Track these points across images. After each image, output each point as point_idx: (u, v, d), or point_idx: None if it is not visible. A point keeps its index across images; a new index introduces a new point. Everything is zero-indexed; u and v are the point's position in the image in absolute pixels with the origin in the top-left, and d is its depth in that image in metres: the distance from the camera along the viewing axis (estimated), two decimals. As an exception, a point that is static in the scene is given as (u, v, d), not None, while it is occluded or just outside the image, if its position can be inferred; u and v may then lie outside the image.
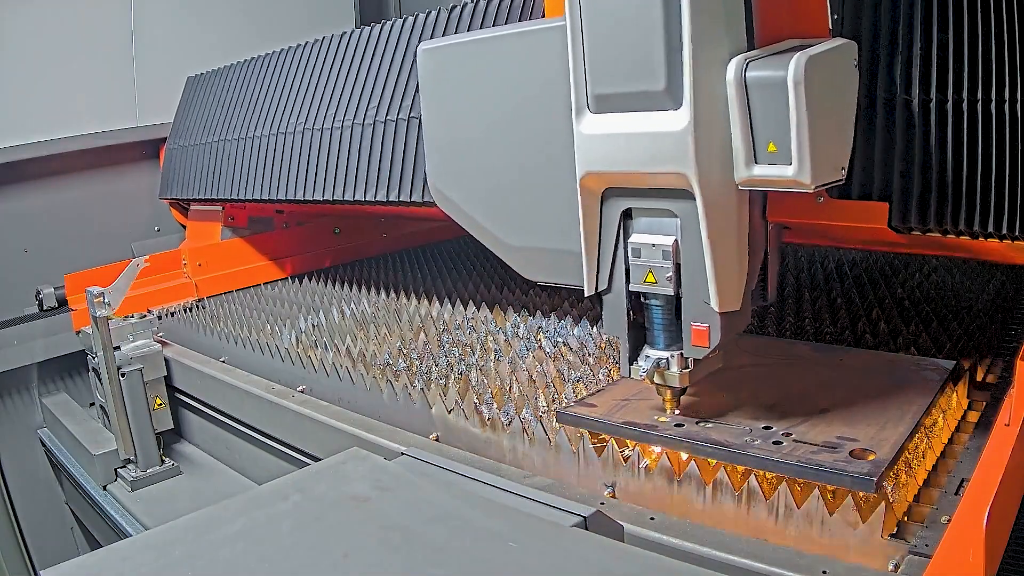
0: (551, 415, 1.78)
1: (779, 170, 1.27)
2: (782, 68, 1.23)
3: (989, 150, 1.46)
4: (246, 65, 3.27)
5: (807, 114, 1.23)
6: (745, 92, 1.27)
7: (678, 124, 1.31)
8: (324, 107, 2.73)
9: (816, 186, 1.27)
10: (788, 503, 1.36)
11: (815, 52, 1.26)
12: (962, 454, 1.54)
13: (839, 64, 1.34)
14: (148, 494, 2.62)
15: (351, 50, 2.71)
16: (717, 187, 1.34)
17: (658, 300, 1.50)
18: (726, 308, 1.41)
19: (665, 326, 1.52)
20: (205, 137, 3.39)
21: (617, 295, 1.54)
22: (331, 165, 2.65)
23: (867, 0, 1.55)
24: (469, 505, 1.47)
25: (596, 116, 1.43)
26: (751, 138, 1.28)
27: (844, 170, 1.37)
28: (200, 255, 3.48)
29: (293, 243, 3.74)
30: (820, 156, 1.26)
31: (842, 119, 1.37)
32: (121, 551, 1.40)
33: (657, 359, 1.52)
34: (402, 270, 3.53)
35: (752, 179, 1.31)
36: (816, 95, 1.24)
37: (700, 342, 1.45)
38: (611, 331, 1.58)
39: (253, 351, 2.58)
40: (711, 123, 1.31)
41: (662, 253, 1.43)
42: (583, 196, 1.50)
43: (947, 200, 1.50)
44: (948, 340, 2.02)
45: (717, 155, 1.32)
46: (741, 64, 1.27)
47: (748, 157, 1.30)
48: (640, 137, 1.37)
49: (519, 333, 2.44)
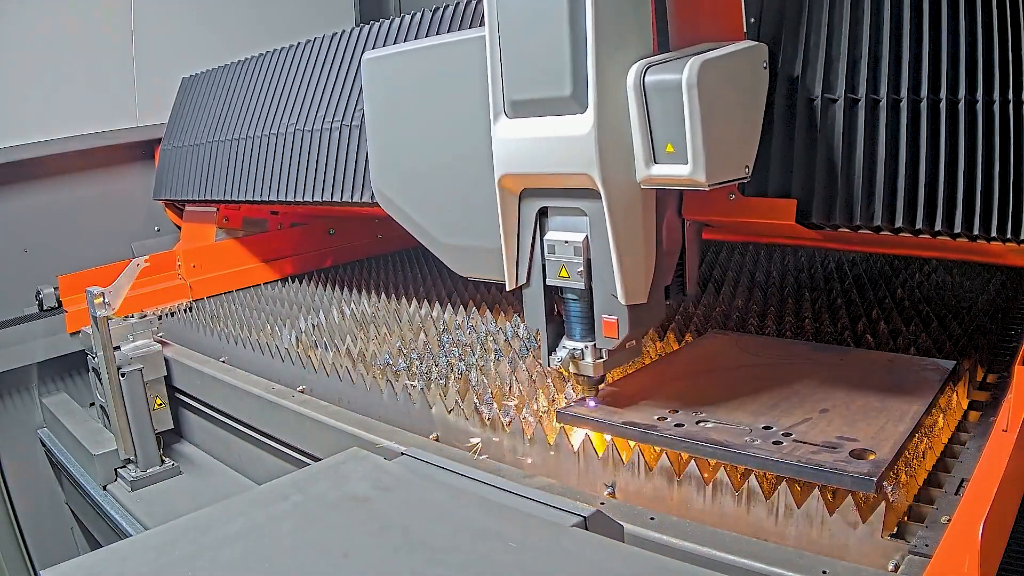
0: (551, 415, 1.78)
1: (676, 169, 1.35)
2: (677, 72, 1.30)
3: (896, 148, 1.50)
4: (240, 65, 3.27)
5: (701, 115, 1.29)
6: (644, 96, 1.34)
7: (583, 128, 1.39)
8: (317, 108, 2.74)
9: (712, 184, 1.34)
10: (788, 503, 1.36)
11: (713, 56, 1.33)
12: (962, 454, 1.54)
13: (743, 66, 1.42)
14: (148, 494, 2.62)
15: (345, 50, 2.72)
16: (621, 187, 1.42)
17: (573, 294, 1.60)
18: (632, 301, 1.50)
19: (580, 318, 1.61)
20: (199, 138, 3.39)
21: (536, 289, 1.63)
22: (324, 166, 2.65)
23: (785, 3, 1.59)
24: (469, 505, 1.47)
25: (511, 120, 1.52)
26: (650, 139, 1.36)
27: (748, 168, 1.45)
28: (194, 256, 3.47)
29: (288, 244, 3.74)
30: (716, 155, 1.33)
31: (746, 119, 1.45)
32: (121, 551, 1.40)
33: (572, 349, 1.62)
34: (402, 270, 3.53)
35: (652, 178, 1.39)
36: (713, 97, 1.31)
37: (610, 333, 1.55)
38: (531, 324, 1.68)
39: (253, 351, 2.58)
40: (615, 127, 1.38)
41: (574, 249, 1.53)
42: (502, 196, 1.59)
43: (852, 198, 1.54)
44: (948, 340, 2.02)
45: (621, 157, 1.40)
46: (640, 69, 1.35)
47: (648, 157, 1.37)
48: (550, 141, 1.46)
49: (519, 333, 2.44)
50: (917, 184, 1.48)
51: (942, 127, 1.46)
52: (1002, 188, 1.43)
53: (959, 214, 1.46)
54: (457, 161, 1.75)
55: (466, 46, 1.64)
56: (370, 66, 1.91)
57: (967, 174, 1.45)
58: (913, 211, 1.49)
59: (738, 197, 1.65)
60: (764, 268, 2.87)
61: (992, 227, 1.44)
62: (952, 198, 1.46)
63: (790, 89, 1.58)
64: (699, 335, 2.21)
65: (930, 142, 1.47)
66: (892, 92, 1.49)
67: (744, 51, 1.41)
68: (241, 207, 3.55)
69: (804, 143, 1.58)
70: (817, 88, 1.55)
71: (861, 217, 1.53)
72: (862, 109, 1.51)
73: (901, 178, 1.49)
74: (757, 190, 1.62)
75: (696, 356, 1.96)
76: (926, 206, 1.48)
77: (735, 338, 2.07)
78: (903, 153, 1.49)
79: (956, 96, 1.45)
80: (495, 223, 1.63)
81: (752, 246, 3.18)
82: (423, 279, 3.33)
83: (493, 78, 1.52)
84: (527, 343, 2.34)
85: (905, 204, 1.49)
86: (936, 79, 1.47)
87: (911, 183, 1.49)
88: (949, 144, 1.46)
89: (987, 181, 1.44)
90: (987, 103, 1.43)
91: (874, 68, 1.51)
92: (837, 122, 1.54)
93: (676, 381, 1.79)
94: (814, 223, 1.60)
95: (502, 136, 1.54)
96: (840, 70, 1.53)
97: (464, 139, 1.69)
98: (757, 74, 1.45)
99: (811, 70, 1.57)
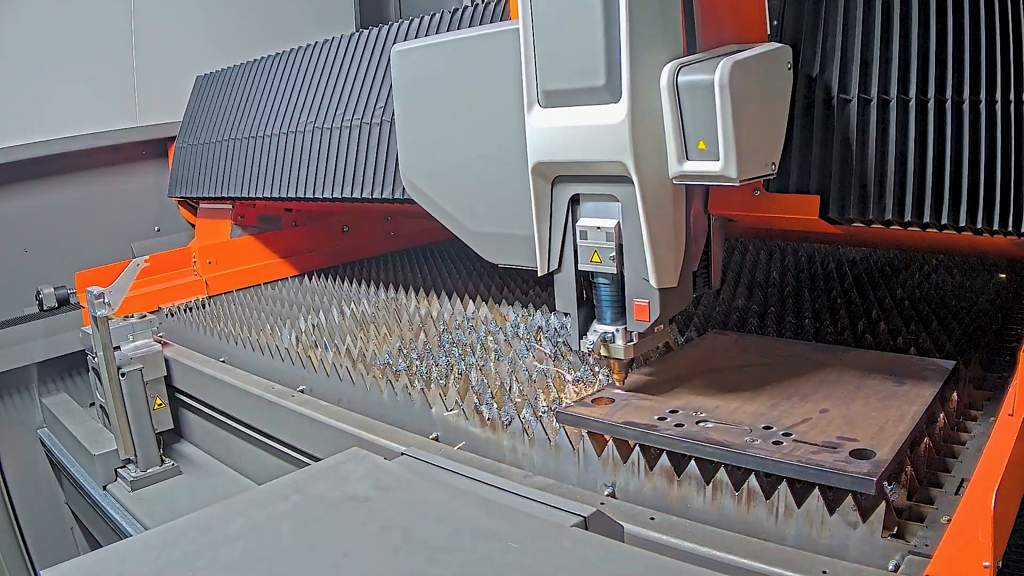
0: (551, 415, 1.79)
1: (707, 166, 1.39)
2: (709, 72, 1.35)
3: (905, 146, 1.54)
4: (256, 65, 3.30)
5: (732, 114, 1.34)
6: (676, 95, 1.39)
7: (617, 117, 1.44)
8: (331, 106, 2.77)
9: (742, 180, 1.39)
10: (788, 503, 1.36)
11: (742, 57, 1.38)
12: (962, 454, 1.54)
13: (769, 67, 1.47)
14: (148, 494, 2.62)
15: (357, 51, 2.76)
16: (653, 174, 1.46)
17: (604, 278, 1.63)
18: (663, 284, 1.54)
19: (611, 302, 1.64)
20: (215, 136, 3.41)
21: (567, 275, 1.67)
22: (338, 163, 2.68)
23: (805, 6, 1.64)
24: (469, 505, 1.47)
25: (545, 110, 1.56)
26: (683, 137, 1.41)
27: (775, 165, 1.49)
28: (210, 253, 3.48)
29: (302, 241, 3.75)
30: (746, 152, 1.37)
31: (772, 118, 1.50)
32: (121, 551, 1.40)
33: (603, 333, 1.65)
34: (402, 270, 3.53)
35: (684, 174, 1.43)
36: (743, 97, 1.35)
37: (641, 316, 1.58)
38: (563, 307, 1.71)
39: (253, 351, 2.58)
40: (647, 117, 1.43)
41: (606, 235, 1.56)
42: (535, 184, 1.63)
43: (869, 194, 1.58)
44: (948, 340, 2.02)
45: (653, 145, 1.45)
46: (674, 69, 1.40)
47: (680, 154, 1.42)
48: (583, 129, 1.50)
49: (519, 333, 2.44)
50: (925, 180, 1.52)
51: (947, 126, 1.50)
52: (1003, 184, 1.46)
53: (964, 208, 1.49)
54: (488, 151, 1.79)
55: (498, 38, 1.69)
56: (400, 58, 1.94)
57: (971, 170, 1.49)
58: (921, 205, 1.53)
59: (762, 193, 1.69)
60: (764, 268, 2.87)
61: (994, 220, 1.47)
62: (957, 193, 1.50)
63: (809, 89, 1.63)
64: (699, 335, 2.21)
65: (937, 139, 1.51)
66: (901, 92, 1.54)
67: (771, 52, 1.46)
68: (256, 204, 3.56)
69: (822, 141, 1.62)
70: (834, 88, 1.60)
71: (874, 211, 1.57)
72: (888, 108, 1.55)
73: (910, 174, 1.53)
74: (780, 186, 1.67)
75: (696, 356, 1.96)
76: (933, 201, 1.51)
77: (735, 338, 2.07)
78: (911, 150, 1.53)
79: (961, 96, 1.49)
80: (526, 210, 1.66)
81: (752, 246, 3.19)
82: (424, 278, 3.33)
83: (527, 69, 1.56)
84: (527, 343, 2.34)
85: (914, 199, 1.53)
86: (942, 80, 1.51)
87: (919, 179, 1.53)
88: (955, 141, 1.50)
89: (990, 177, 1.47)
90: (990, 103, 1.47)
91: (884, 69, 1.55)
92: (851, 121, 1.58)
93: (676, 381, 1.79)
94: (831, 218, 1.64)
95: (536, 125, 1.58)
96: (854, 71, 1.58)
97: (496, 129, 1.73)
98: (782, 74, 1.51)
99: (828, 71, 1.61)
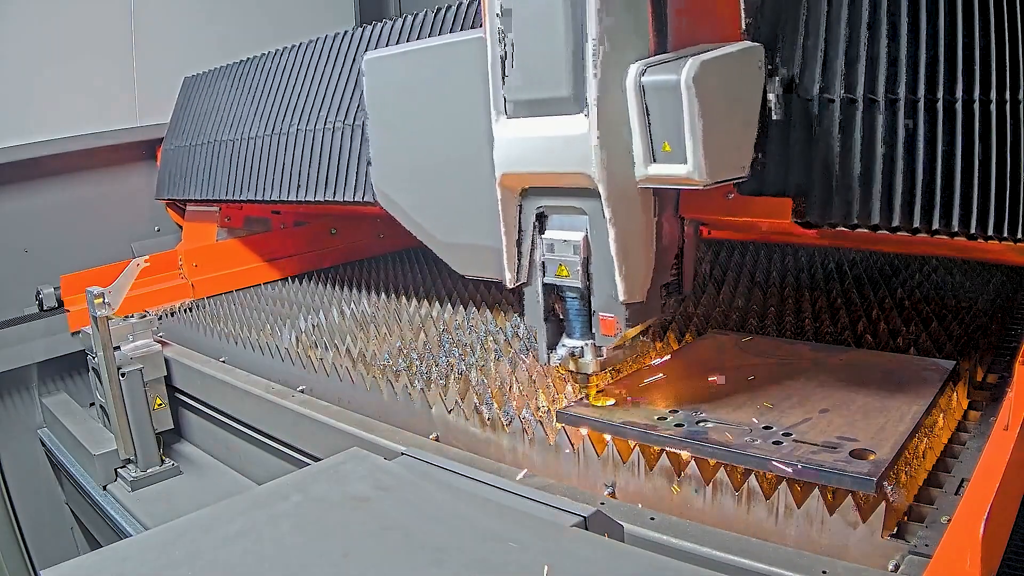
0: (551, 415, 1.79)
1: (674, 168, 1.35)
2: (676, 72, 1.31)
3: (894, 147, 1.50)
4: (242, 65, 3.27)
5: (700, 115, 1.30)
6: (642, 95, 1.35)
7: (582, 128, 1.40)
8: (320, 108, 2.74)
9: (710, 183, 1.35)
10: (788, 503, 1.36)
11: (710, 56, 1.33)
12: (962, 454, 1.54)
13: (740, 67, 1.42)
14: (148, 494, 2.61)
15: (346, 50, 2.72)
16: (620, 186, 1.43)
17: (572, 292, 1.60)
18: (630, 299, 1.51)
19: (579, 316, 1.61)
20: (201, 138, 3.38)
21: (535, 288, 1.64)
22: (326, 166, 2.65)
23: (783, 3, 1.60)
24: (469, 505, 1.47)
25: (511, 120, 1.53)
26: (649, 138, 1.37)
27: (746, 168, 1.46)
28: (196, 256, 3.47)
29: (290, 244, 3.73)
30: (714, 154, 1.34)
31: (742, 119, 1.46)
32: (121, 551, 1.40)
33: (572, 348, 1.63)
34: (402, 270, 3.53)
35: (650, 177, 1.40)
36: (710, 97, 1.31)
37: (608, 331, 1.56)
38: (530, 322, 1.69)
39: (253, 351, 2.58)
40: (614, 126, 1.39)
41: (573, 248, 1.53)
42: (502, 195, 1.60)
43: (849, 196, 1.53)
44: (948, 340, 2.02)
45: (619, 156, 1.40)
46: (639, 70, 1.36)
47: (646, 157, 1.38)
48: (549, 140, 1.47)
49: (519, 333, 2.44)
50: (914, 183, 1.48)
51: (939, 126, 1.46)
52: (999, 187, 1.43)
53: (956, 213, 1.46)
54: (457, 160, 1.75)
55: (465, 46, 1.65)
56: (371, 66, 1.92)
57: (964, 173, 1.45)
58: (910, 210, 1.49)
59: (736, 196, 1.66)
60: (764, 268, 2.87)
61: (989, 226, 1.44)
62: (949, 197, 1.46)
63: (787, 89, 1.58)
64: (699, 335, 2.21)
65: (927, 141, 1.47)
66: (889, 92, 1.49)
67: (741, 52, 1.42)
68: (243, 207, 3.55)
69: (800, 142, 1.58)
70: (815, 88, 1.55)
71: (859, 215, 1.53)
72: (859, 109, 1.51)
73: (898, 177, 1.49)
74: (754, 189, 1.63)
75: (696, 356, 1.96)
76: (923, 205, 1.48)
77: (735, 338, 2.07)
78: (899, 152, 1.49)
79: (953, 96, 1.45)
80: (495, 222, 1.63)
81: (752, 246, 3.18)
82: (424, 278, 3.33)
83: (493, 78, 1.53)
84: (527, 343, 2.34)
85: (903, 203, 1.49)
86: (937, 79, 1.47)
87: (908, 182, 1.49)
88: (946, 143, 1.46)
89: (984, 180, 1.44)
90: (984, 103, 1.44)
91: (871, 68, 1.51)
92: (834, 122, 1.54)
93: (676, 381, 1.79)
94: (810, 222, 1.61)
95: (502, 135, 1.55)
96: (837, 70, 1.54)
97: (464, 139, 1.69)
98: (753, 74, 1.46)
99: (808, 70, 1.57)
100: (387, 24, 2.59)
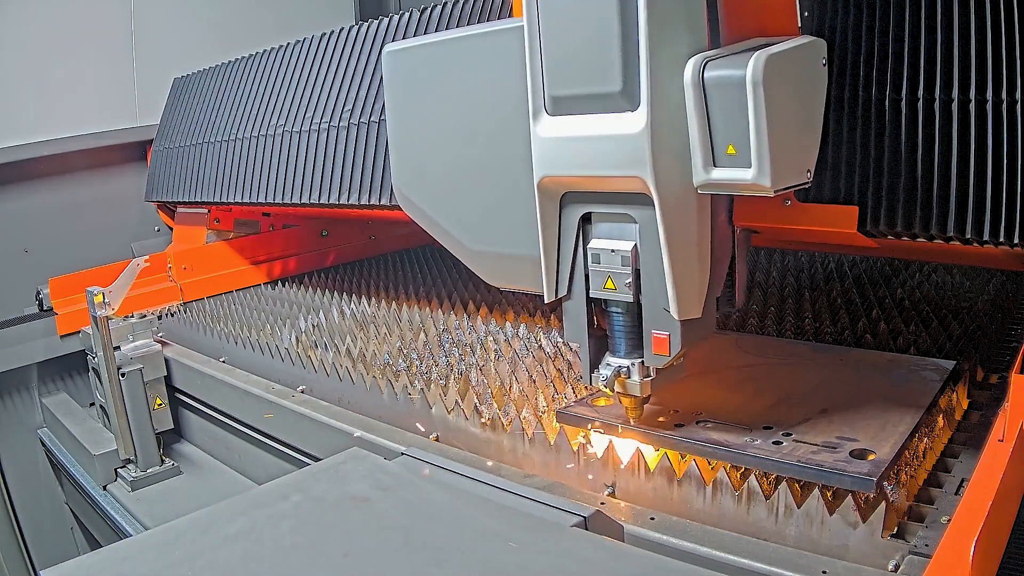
0: (551, 415, 1.78)
1: (738, 173, 1.23)
2: (741, 67, 1.19)
3: (966, 152, 1.38)
4: (232, 66, 3.23)
5: (767, 115, 1.19)
6: (703, 93, 1.23)
7: (635, 126, 1.27)
8: (310, 109, 2.69)
9: (777, 190, 1.24)
10: (788, 503, 1.36)
11: (776, 51, 1.21)
12: (962, 454, 1.54)
13: (804, 63, 1.30)
14: (148, 494, 2.61)
15: (337, 49, 2.67)
16: (675, 192, 1.30)
17: (618, 307, 1.47)
18: (686, 316, 1.37)
19: (626, 333, 1.48)
20: (191, 139, 3.35)
21: (577, 301, 1.50)
22: (317, 168, 2.61)
23: None
24: (469, 505, 1.47)
25: (553, 118, 1.39)
26: (709, 140, 1.24)
27: (810, 173, 1.33)
28: (185, 258, 3.44)
29: (279, 246, 3.70)
30: (781, 158, 1.22)
31: (808, 120, 1.34)
32: (121, 551, 1.40)
33: (618, 367, 1.49)
34: (402, 270, 3.53)
35: (711, 183, 1.27)
36: (777, 95, 1.20)
37: (661, 350, 1.42)
38: (572, 338, 1.54)
39: (253, 351, 2.58)
40: (669, 125, 1.26)
41: (621, 259, 1.40)
42: (541, 200, 1.46)
43: (916, 205, 1.43)
44: (948, 340, 2.01)
45: (676, 158, 1.28)
46: (699, 64, 1.23)
47: (706, 160, 1.26)
48: (596, 140, 1.33)
49: (519, 333, 2.44)
50: (984, 190, 1.35)
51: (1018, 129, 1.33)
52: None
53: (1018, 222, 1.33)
54: (490, 162, 1.61)
55: (501, 37, 1.51)
56: (392, 59, 1.76)
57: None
58: (980, 219, 1.37)
59: (794, 203, 1.53)
60: (764, 268, 2.87)
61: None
62: (1012, 206, 1.33)
63: (850, 89, 1.46)
64: (699, 335, 2.21)
65: (1010, 145, 1.33)
66: (962, 93, 1.36)
67: (805, 46, 1.30)
68: (232, 209, 3.52)
69: (864, 146, 1.46)
70: (881, 88, 1.43)
71: (919, 224, 1.42)
72: (928, 110, 1.40)
73: (971, 183, 1.37)
74: (814, 195, 1.51)
75: (696, 356, 1.96)
76: (992, 214, 1.35)
77: (735, 338, 2.07)
78: (972, 157, 1.36)
79: None
80: (532, 229, 1.49)
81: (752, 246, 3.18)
82: (423, 279, 3.33)
83: (532, 72, 1.39)
84: (527, 343, 2.34)
85: (974, 211, 1.37)
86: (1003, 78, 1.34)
87: (979, 189, 1.36)
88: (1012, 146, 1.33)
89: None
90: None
91: (946, 68, 1.38)
92: (903, 124, 1.42)
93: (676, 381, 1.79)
94: (871, 231, 1.50)
95: (543, 135, 1.41)
96: (904, 69, 1.41)
97: (498, 138, 1.56)
98: (818, 71, 1.34)
99: (871, 68, 1.44)
100: (384, 21, 2.52)
